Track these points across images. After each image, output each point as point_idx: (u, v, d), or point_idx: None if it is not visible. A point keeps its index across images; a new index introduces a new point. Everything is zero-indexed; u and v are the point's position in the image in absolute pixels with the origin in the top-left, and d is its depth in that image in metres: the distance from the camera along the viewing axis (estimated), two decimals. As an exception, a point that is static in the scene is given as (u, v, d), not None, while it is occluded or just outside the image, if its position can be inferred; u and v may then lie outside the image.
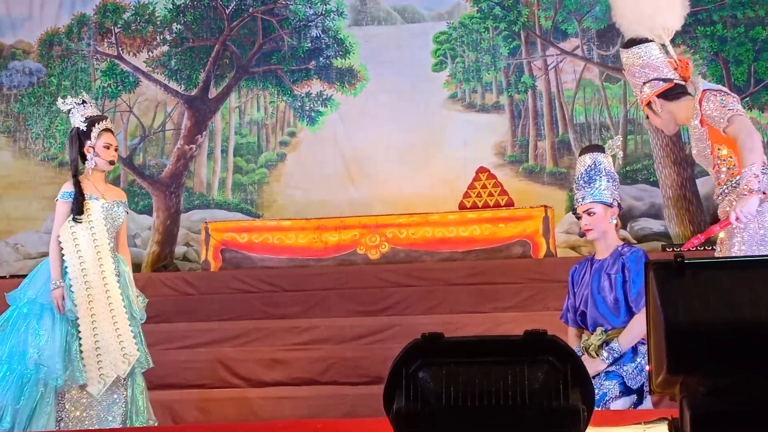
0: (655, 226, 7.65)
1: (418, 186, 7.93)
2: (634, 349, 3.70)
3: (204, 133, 8.55)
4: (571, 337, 3.91)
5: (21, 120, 8.78)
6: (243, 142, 8.54)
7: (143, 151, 8.64)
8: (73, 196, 4.34)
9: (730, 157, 3.36)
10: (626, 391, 3.65)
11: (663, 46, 3.62)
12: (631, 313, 3.70)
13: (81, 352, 4.18)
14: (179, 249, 8.32)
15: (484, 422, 1.57)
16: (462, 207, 7.09)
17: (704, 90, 3.42)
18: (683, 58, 3.80)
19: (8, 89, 8.85)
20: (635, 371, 3.66)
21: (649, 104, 3.61)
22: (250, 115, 8.58)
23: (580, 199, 3.85)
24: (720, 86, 3.52)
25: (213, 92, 8.60)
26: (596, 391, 3.27)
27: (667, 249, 6.88)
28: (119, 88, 8.69)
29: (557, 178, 7.92)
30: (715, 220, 3.48)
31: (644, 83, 3.59)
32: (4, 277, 7.63)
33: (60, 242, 4.29)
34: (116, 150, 4.52)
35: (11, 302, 4.34)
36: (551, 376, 1.59)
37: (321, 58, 8.52)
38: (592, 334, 3.80)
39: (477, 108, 8.23)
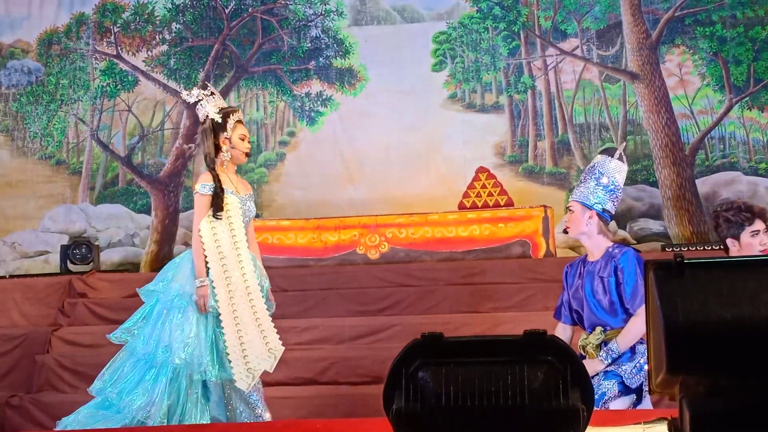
0: (654, 226, 7.64)
1: (417, 186, 7.93)
2: (633, 349, 3.70)
3: (203, 132, 8.53)
4: (558, 333, 3.89)
5: (19, 119, 8.76)
6: (242, 142, 8.52)
7: (142, 150, 8.64)
8: (213, 191, 4.23)
9: None
10: (625, 390, 3.65)
11: None
12: (628, 313, 3.70)
13: (226, 348, 4.10)
14: (178, 248, 8.31)
15: (483, 422, 1.57)
16: (461, 207, 7.09)
17: None
18: None
19: (6, 88, 8.83)
20: (634, 371, 3.66)
21: None
22: (249, 114, 8.57)
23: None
24: None
25: (212, 92, 8.58)
26: (595, 391, 3.27)
27: (667, 249, 6.88)
28: (118, 88, 8.68)
29: (557, 178, 7.92)
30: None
31: None
32: (3, 277, 7.62)
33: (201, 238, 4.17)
34: (249, 142, 4.45)
35: (146, 297, 4.24)
36: (551, 376, 1.59)
37: (321, 58, 8.51)
38: (590, 334, 3.80)
39: (476, 108, 8.22)
